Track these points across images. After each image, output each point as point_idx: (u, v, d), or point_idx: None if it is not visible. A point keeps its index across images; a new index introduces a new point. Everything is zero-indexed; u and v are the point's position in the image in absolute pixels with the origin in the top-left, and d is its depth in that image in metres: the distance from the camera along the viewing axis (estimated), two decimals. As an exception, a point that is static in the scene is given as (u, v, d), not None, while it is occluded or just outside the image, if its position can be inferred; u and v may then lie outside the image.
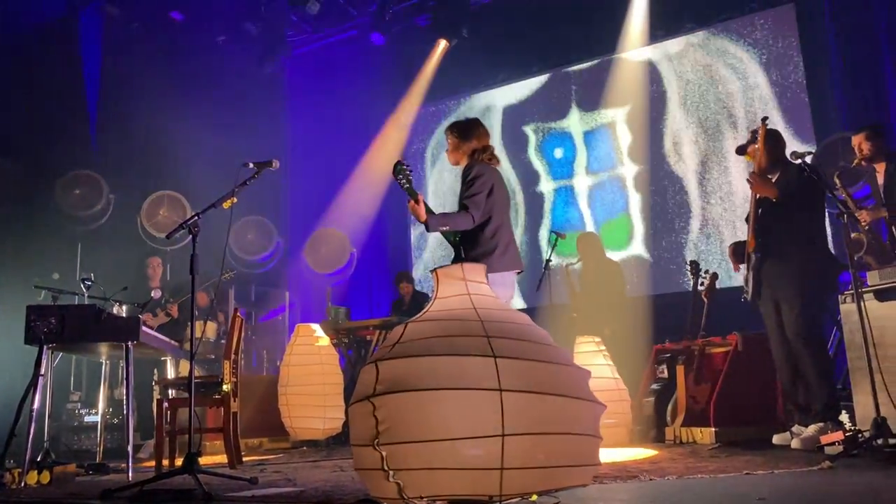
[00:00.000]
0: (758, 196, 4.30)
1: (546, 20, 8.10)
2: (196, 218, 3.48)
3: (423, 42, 8.86)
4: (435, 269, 2.53)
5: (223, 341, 6.21)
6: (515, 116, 8.91)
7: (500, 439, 2.04)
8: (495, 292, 3.04)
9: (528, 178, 8.74)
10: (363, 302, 9.37)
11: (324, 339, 5.93)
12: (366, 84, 9.30)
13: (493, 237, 3.81)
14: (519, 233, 8.60)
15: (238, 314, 4.96)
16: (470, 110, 9.16)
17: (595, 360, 4.97)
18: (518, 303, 8.48)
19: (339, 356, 6.22)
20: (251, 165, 3.68)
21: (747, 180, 4.30)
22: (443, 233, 3.92)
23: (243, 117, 8.71)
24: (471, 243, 3.82)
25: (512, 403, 2.11)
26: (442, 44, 8.62)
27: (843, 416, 4.03)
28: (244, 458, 4.85)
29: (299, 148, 9.91)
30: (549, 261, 6.08)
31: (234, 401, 4.74)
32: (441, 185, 9.36)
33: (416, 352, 2.24)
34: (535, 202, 8.65)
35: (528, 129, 8.81)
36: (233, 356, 4.77)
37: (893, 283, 3.74)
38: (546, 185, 8.63)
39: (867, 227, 4.65)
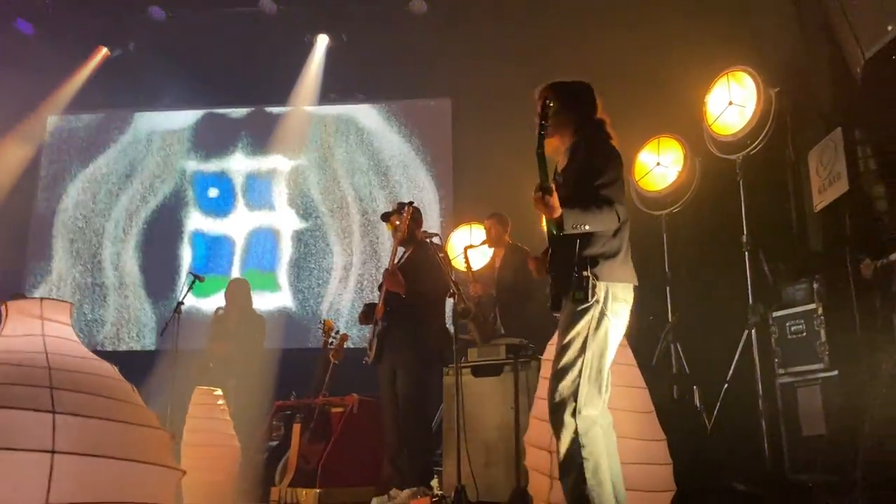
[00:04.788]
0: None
1: (221, 53, 7.82)
2: None
3: (81, 44, 7.96)
4: (5, 300, 2.16)
5: None
6: (175, 146, 8.43)
7: (40, 510, 1.75)
8: (617, 311, 2.62)
9: (179, 213, 8.26)
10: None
11: None
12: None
13: (617, 235, 2.82)
14: (146, 265, 8.10)
15: None
16: (130, 129, 8.47)
17: (210, 413, 4.73)
18: (148, 343, 7.87)
19: None
20: None
21: (384, 273, 4.51)
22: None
23: None
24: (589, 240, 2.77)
25: (66, 468, 1.84)
26: (103, 51, 7.85)
27: (434, 482, 4.33)
28: None
29: None
30: (181, 303, 5.70)
31: None
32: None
33: (-47, 399, 1.85)
34: (181, 239, 8.19)
35: (186, 163, 8.39)
36: None
37: (488, 361, 4.17)
38: (197, 224, 8.24)
39: (476, 299, 5.21)
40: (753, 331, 4.47)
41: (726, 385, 4.44)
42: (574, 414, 2.56)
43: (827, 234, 4.79)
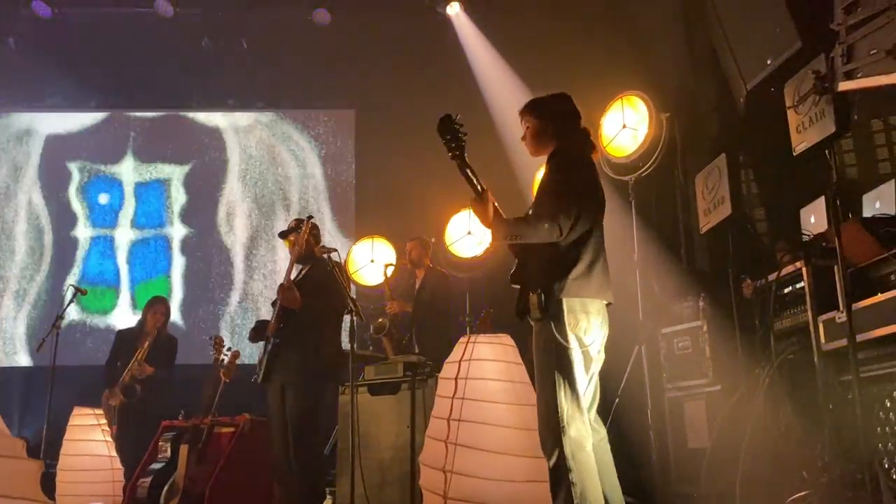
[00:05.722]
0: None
1: (114, 54, 7.46)
2: None
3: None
4: None
5: None
6: (60, 149, 7.96)
7: None
8: (576, 326, 2.56)
9: (64, 220, 7.80)
10: None
11: None
12: None
13: (574, 249, 2.71)
14: (40, 280, 7.57)
15: None
16: (9, 129, 7.94)
17: (90, 434, 4.46)
18: (22, 360, 7.37)
19: None
20: None
21: (279, 288, 4.37)
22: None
23: None
24: (542, 256, 2.72)
25: None
26: (-19, 46, 7.34)
27: (328, 502, 4.23)
28: None
29: None
30: (60, 317, 5.36)
31: None
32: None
33: None
34: (66, 248, 7.73)
35: (73, 166, 7.94)
36: None
37: (385, 378, 4.11)
38: (83, 232, 7.80)
39: (392, 315, 5.36)
40: (643, 346, 4.61)
41: (617, 399, 4.55)
42: (560, 436, 2.54)
43: (712, 255, 5.02)
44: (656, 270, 4.95)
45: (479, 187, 2.68)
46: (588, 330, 2.66)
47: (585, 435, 2.60)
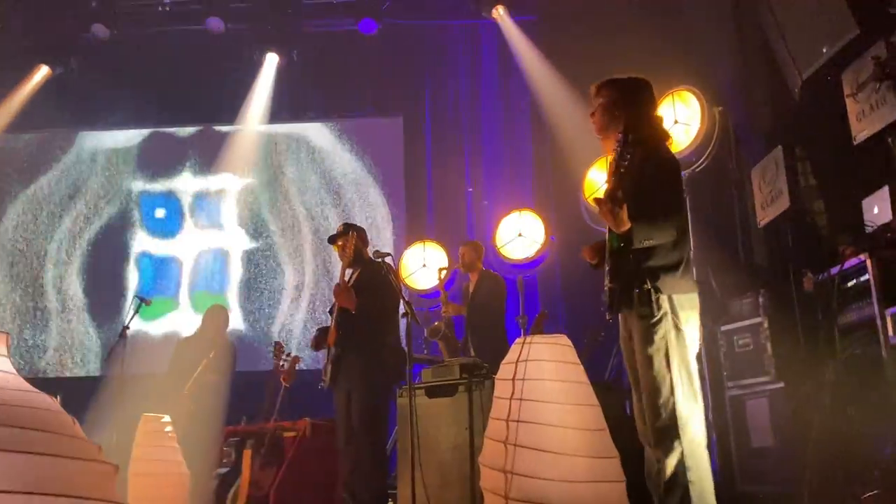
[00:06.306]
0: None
1: (169, 71, 7.69)
2: None
3: (22, 63, 7.76)
4: (-65, 332, 2.06)
5: None
6: (120, 166, 8.24)
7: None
8: (687, 321, 2.54)
9: (125, 235, 8.07)
10: None
11: None
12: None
13: (677, 247, 2.75)
14: (102, 291, 7.86)
15: None
16: (73, 148, 8.27)
17: (158, 441, 4.59)
18: (93, 369, 7.64)
19: None
20: None
21: (335, 289, 4.44)
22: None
23: None
24: (650, 253, 2.71)
25: (-4, 507, 1.76)
26: (43, 70, 7.65)
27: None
28: None
29: None
30: (126, 327, 5.55)
31: None
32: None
33: None
34: (126, 261, 8.00)
35: (132, 183, 8.20)
36: None
37: (441, 381, 4.14)
38: (143, 245, 8.05)
39: (448, 319, 5.41)
40: (702, 344, 4.53)
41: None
42: (678, 436, 2.53)
43: (771, 249, 4.91)
44: (713, 266, 4.88)
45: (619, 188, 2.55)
46: (692, 323, 2.66)
47: (702, 433, 2.56)
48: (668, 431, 2.56)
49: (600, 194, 5.45)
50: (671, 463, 2.54)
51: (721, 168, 5.18)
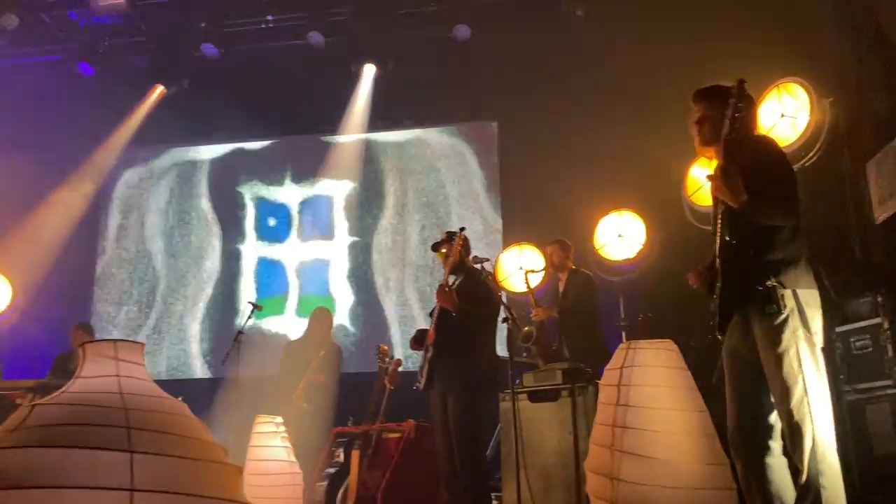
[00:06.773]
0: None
1: (274, 85, 8.04)
2: None
3: (139, 83, 8.28)
4: (83, 343, 2.27)
5: None
6: (228, 175, 8.68)
7: (121, 547, 1.83)
8: (814, 317, 2.49)
9: (234, 241, 8.48)
10: (25, 356, 8.17)
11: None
12: (66, 114, 8.39)
13: (797, 240, 2.68)
14: (215, 297, 8.28)
15: None
16: (188, 163, 8.76)
17: (272, 441, 4.81)
18: (206, 372, 8.06)
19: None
20: None
21: (437, 290, 4.52)
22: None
23: None
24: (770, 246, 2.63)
25: (144, 505, 1.92)
26: (159, 89, 8.14)
27: (494, 506, 4.33)
28: None
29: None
30: (241, 332, 5.83)
31: None
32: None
33: (38, 440, 1.95)
34: (238, 268, 8.40)
35: (241, 191, 8.62)
36: None
37: (544, 386, 4.16)
38: (254, 252, 8.45)
39: (539, 323, 5.28)
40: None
41: (790, 404, 4.33)
42: (812, 439, 2.46)
43: (890, 246, 4.66)
44: (826, 265, 4.67)
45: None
46: (821, 324, 2.56)
47: (833, 437, 2.48)
48: (803, 434, 2.47)
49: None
50: (805, 467, 2.45)
51: (832, 162, 4.95)
